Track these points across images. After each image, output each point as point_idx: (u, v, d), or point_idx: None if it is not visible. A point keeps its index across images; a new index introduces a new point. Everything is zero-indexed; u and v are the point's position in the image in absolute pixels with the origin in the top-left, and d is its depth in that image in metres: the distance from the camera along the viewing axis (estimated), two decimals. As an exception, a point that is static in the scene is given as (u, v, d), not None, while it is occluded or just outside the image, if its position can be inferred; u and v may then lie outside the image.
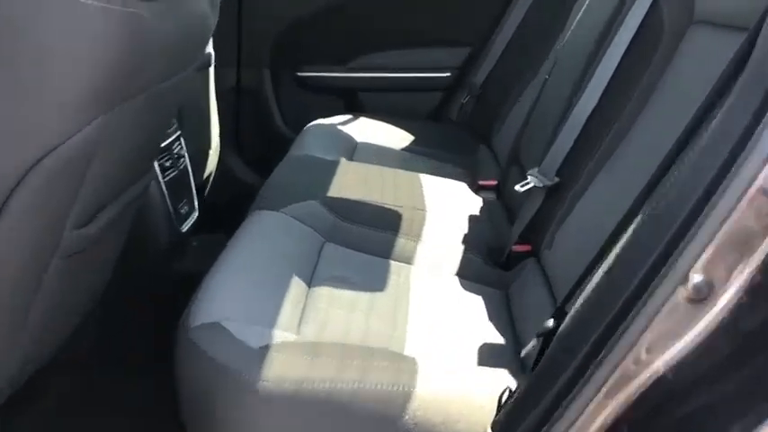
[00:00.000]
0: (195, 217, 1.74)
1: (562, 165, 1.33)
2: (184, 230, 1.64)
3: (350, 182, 1.62)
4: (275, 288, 1.17)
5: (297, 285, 1.19)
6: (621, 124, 1.21)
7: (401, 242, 1.41)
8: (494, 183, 1.79)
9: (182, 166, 1.67)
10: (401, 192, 1.61)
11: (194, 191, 1.75)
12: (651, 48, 1.22)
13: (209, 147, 2.16)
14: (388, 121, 2.29)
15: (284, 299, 1.13)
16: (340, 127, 2.19)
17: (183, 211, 1.66)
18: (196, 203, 1.76)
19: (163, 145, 1.56)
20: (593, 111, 1.31)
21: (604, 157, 1.23)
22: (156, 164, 1.53)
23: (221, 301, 1.08)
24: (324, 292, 1.20)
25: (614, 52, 1.32)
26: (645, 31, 1.28)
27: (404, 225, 1.45)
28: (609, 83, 1.30)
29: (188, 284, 1.43)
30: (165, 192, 1.56)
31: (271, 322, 1.04)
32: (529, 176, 1.38)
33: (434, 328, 1.14)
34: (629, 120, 1.20)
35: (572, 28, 1.73)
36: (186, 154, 1.71)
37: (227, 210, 2.45)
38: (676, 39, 1.18)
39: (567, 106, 1.45)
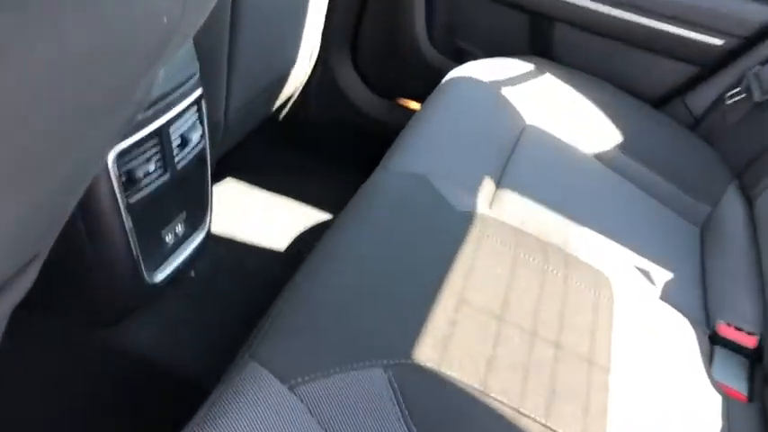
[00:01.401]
0: (200, 240, 0.99)
1: None
2: (158, 280, 0.90)
3: (471, 301, 0.80)
4: None
5: None
6: None
7: None
8: (751, 344, 0.91)
9: (186, 159, 0.90)
10: (565, 364, 0.78)
11: (209, 189, 0.98)
12: None
13: (290, 64, 1.35)
14: (587, 92, 1.37)
15: None
16: (506, 90, 1.31)
17: (167, 239, 0.91)
18: (208, 215, 1.00)
19: (144, 133, 0.79)
20: None
21: None
22: (113, 181, 0.78)
23: None
24: None
25: None
26: None
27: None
28: None
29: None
30: (129, 228, 0.82)
31: None
32: None
33: None
34: None
35: None
36: (206, 130, 0.93)
37: (318, 142, 1.69)
38: None
39: None
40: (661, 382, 0.82)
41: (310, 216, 1.43)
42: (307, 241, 1.31)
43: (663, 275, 1.06)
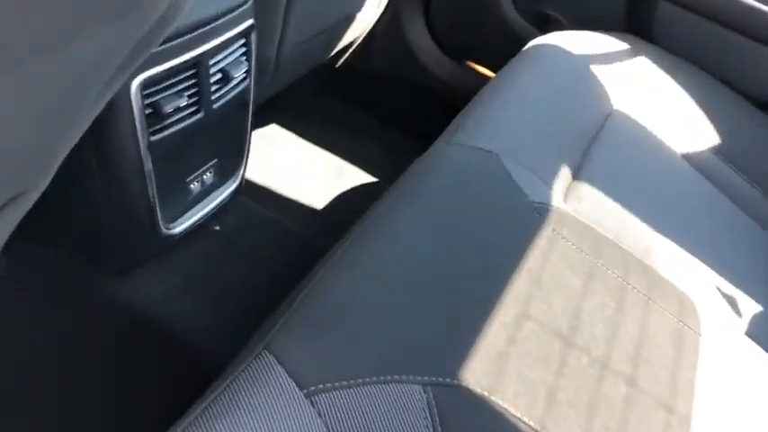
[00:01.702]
0: (230, 192, 0.86)
1: None
2: (175, 232, 0.79)
3: (536, 315, 0.67)
4: None
5: None
6: None
7: None
8: None
9: (225, 98, 0.77)
10: (639, 406, 0.65)
11: (247, 135, 0.86)
12: None
13: (357, 8, 1.21)
14: (684, 81, 1.21)
15: None
16: (594, 68, 1.15)
17: (192, 187, 0.79)
18: (243, 165, 0.87)
19: (178, 61, 0.67)
20: None
21: None
22: (135, 113, 0.66)
23: None
24: None
25: None
26: None
27: None
28: None
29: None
30: (147, 170, 0.70)
31: None
32: None
33: None
34: None
35: None
36: (252, 67, 0.80)
37: (375, 97, 1.55)
38: None
39: None
40: (747, 441, 0.69)
41: (357, 178, 1.30)
42: (350, 207, 1.19)
43: (750, 306, 0.91)
